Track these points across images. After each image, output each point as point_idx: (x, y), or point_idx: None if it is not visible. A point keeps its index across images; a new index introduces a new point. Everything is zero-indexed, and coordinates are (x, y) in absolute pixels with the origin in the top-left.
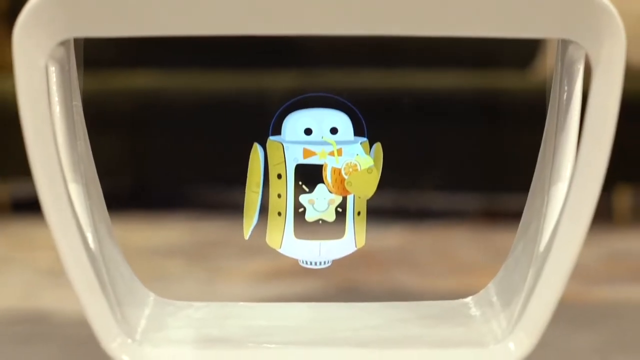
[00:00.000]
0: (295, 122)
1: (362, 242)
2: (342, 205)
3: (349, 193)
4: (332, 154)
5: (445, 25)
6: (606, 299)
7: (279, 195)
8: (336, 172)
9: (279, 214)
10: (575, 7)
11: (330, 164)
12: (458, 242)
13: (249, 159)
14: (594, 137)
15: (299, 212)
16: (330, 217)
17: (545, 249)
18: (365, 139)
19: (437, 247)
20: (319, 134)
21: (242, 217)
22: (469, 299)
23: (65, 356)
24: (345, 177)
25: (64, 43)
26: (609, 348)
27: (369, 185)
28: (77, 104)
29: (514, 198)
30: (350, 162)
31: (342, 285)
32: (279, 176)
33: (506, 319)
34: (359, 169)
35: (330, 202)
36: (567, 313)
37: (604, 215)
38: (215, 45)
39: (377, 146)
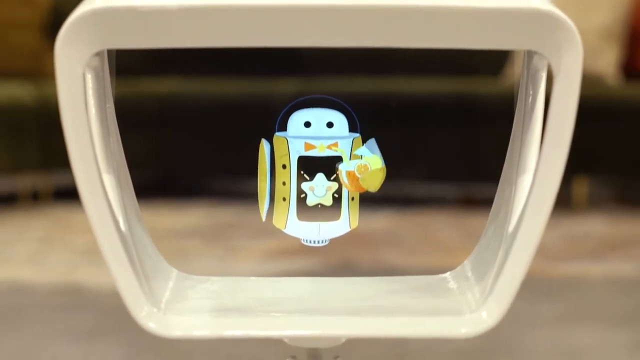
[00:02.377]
0: (297, 120)
1: (355, 223)
2: (338, 191)
3: (364, 189)
4: (330, 147)
5: (429, 39)
6: (565, 274)
7: (284, 183)
8: (350, 174)
9: (284, 199)
10: (540, 23)
11: (343, 169)
12: (438, 225)
13: (258, 153)
14: (555, 135)
15: (301, 198)
16: (328, 201)
17: (513, 231)
18: (358, 135)
19: (420, 230)
20: (317, 127)
21: (253, 203)
22: (447, 274)
23: (99, 323)
24: (359, 175)
25: (98, 53)
26: (568, 316)
27: (379, 181)
28: (110, 106)
29: (486, 187)
30: (361, 164)
31: (338, 262)
32: (284, 166)
33: (479, 292)
34: (369, 169)
35: (328, 189)
36: (532, 286)
37: (564, 202)
38: (228, 55)
39: (372, 141)
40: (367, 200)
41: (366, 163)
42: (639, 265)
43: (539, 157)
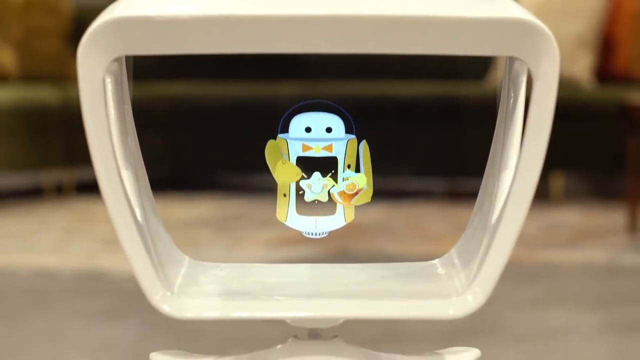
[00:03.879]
0: (298, 123)
1: (351, 217)
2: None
3: (357, 204)
4: (325, 148)
5: (419, 46)
6: (543, 260)
7: None
8: (341, 193)
9: (285, 195)
10: (520, 31)
11: (335, 191)
12: (427, 216)
13: (265, 151)
14: (534, 134)
15: (300, 194)
16: (324, 198)
17: (496, 222)
18: (353, 136)
19: (410, 221)
20: (316, 132)
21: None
22: (436, 261)
23: (118, 306)
24: (349, 192)
25: (117, 59)
26: (546, 299)
27: (368, 196)
28: (128, 107)
29: (471, 182)
30: (349, 183)
31: (336, 250)
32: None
33: (465, 277)
34: (357, 186)
35: (324, 187)
36: (513, 272)
37: (542, 195)
38: (235, 60)
39: (364, 144)
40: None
41: (353, 181)
42: (611, 253)
43: (520, 154)
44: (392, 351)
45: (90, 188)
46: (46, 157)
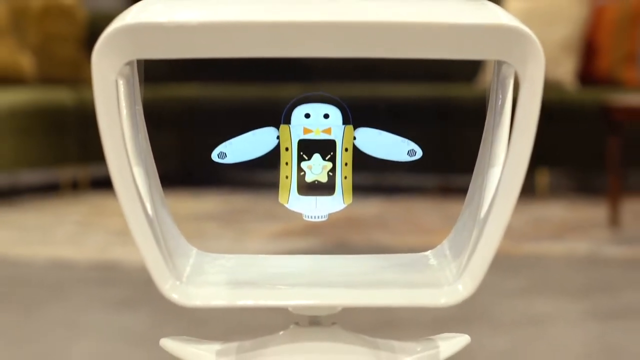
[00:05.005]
0: (299, 112)
1: (349, 200)
2: (333, 170)
3: None
4: (324, 131)
5: (413, 50)
6: (529, 252)
7: (287, 163)
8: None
9: (287, 177)
10: (508, 37)
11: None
12: (421, 210)
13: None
14: (521, 132)
15: (301, 175)
16: (323, 178)
17: (485, 215)
18: (350, 124)
19: (405, 214)
20: (315, 117)
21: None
22: (428, 252)
23: (130, 294)
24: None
25: (129, 63)
26: (531, 288)
27: None
28: (139, 108)
29: (461, 178)
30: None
31: (334, 242)
32: (287, 149)
33: (456, 267)
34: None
35: (324, 168)
36: (501, 263)
37: (528, 190)
38: (241, 64)
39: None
40: (360, 190)
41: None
42: (593, 245)
43: (507, 152)
44: (388, 337)
45: (103, 184)
46: (62, 154)
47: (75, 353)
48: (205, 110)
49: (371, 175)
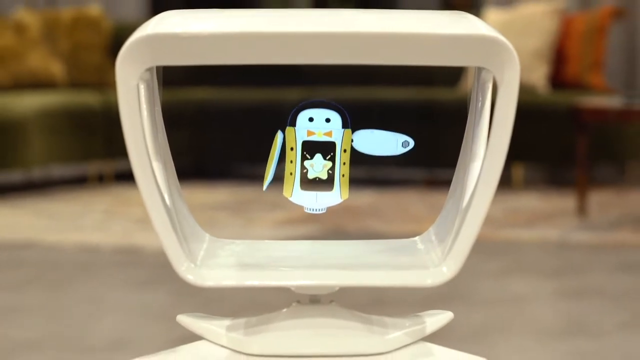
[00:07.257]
0: (304, 116)
1: (346, 195)
2: (332, 169)
3: None
4: (326, 134)
5: (402, 58)
6: (507, 238)
7: (291, 161)
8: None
9: (291, 173)
10: (487, 46)
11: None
12: (410, 200)
13: (273, 141)
14: (499, 131)
15: (303, 172)
16: (324, 175)
17: (467, 205)
18: (349, 128)
19: (395, 204)
20: (318, 121)
21: (268, 185)
22: (416, 238)
23: (150, 276)
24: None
25: (149, 69)
26: (508, 271)
27: None
28: (158, 109)
29: (446, 171)
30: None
31: (332, 229)
32: (292, 149)
33: (441, 251)
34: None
35: (324, 166)
36: (481, 247)
37: (505, 182)
38: (248, 69)
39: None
40: (355, 182)
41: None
42: (562, 232)
43: (487, 148)
44: (380, 314)
45: (126, 177)
46: (90, 151)
47: (101, 327)
48: (217, 111)
49: (366, 169)
